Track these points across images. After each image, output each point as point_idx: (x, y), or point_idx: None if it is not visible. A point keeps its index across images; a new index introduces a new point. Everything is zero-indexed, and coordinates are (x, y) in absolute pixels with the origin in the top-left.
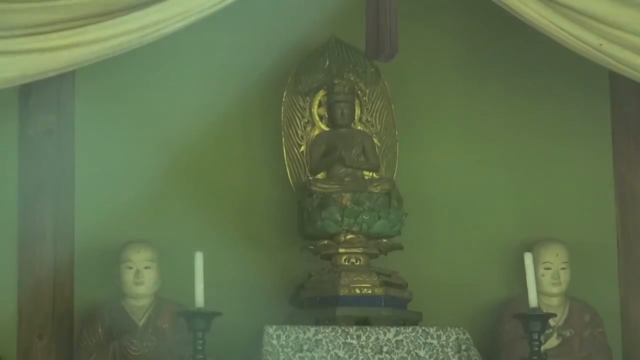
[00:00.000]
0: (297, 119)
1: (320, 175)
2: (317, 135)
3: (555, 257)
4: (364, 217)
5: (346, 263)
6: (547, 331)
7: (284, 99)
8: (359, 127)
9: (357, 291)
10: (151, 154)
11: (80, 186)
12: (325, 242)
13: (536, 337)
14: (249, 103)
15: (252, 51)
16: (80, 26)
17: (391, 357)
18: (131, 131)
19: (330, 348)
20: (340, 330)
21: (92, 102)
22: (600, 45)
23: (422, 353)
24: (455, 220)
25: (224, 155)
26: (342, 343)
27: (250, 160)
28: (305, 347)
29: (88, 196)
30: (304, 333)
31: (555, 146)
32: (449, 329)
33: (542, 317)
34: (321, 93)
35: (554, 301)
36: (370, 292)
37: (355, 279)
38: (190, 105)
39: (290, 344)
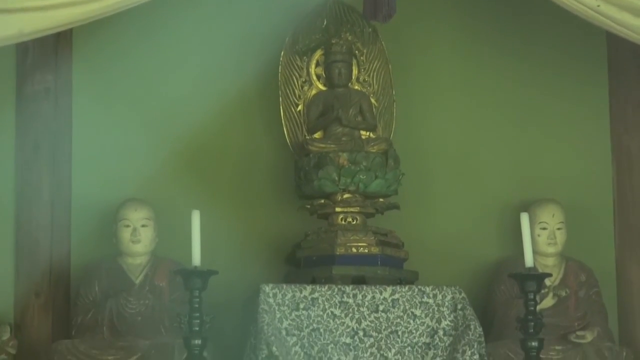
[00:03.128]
0: (295, 79)
1: (317, 135)
2: (315, 94)
3: (551, 217)
4: (361, 176)
5: (343, 222)
6: (542, 291)
7: (281, 59)
8: (356, 87)
9: (354, 250)
10: (148, 114)
11: (78, 145)
12: (322, 201)
13: (532, 296)
14: (247, 63)
15: (249, 11)
16: None
17: (387, 316)
18: (129, 91)
19: (327, 307)
20: (336, 289)
21: (90, 61)
22: (598, 6)
23: (418, 312)
24: (452, 180)
25: (221, 115)
26: (339, 302)
27: (248, 119)
28: (301, 306)
29: (85, 155)
30: (301, 292)
31: (553, 107)
32: (444, 288)
33: (537, 277)
34: (319, 53)
35: (550, 261)
36: (366, 251)
37: (351, 238)
38: (187, 66)
39: (287, 302)
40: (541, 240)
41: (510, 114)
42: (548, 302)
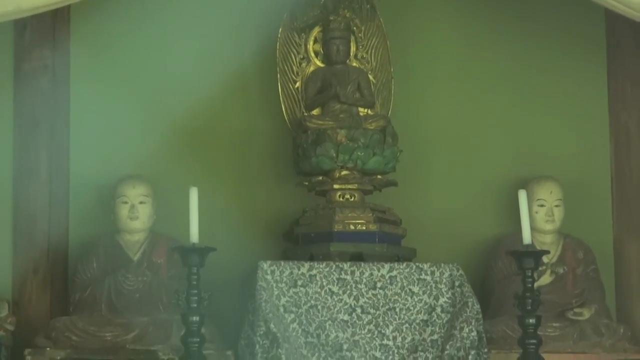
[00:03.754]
0: (293, 55)
1: (315, 112)
2: (313, 71)
3: (549, 194)
4: (359, 153)
5: (341, 199)
6: (540, 268)
7: (279, 35)
8: (354, 64)
9: (352, 227)
10: (147, 91)
11: (76, 121)
12: (320, 178)
13: (529, 274)
14: (245, 40)
15: None
16: None
17: (385, 292)
18: (127, 68)
19: (325, 283)
20: (334, 266)
21: (88, 37)
22: None
23: (415, 289)
24: (450, 157)
25: (219, 92)
26: (336, 279)
27: (246, 96)
28: (299, 283)
29: (83, 131)
30: (298, 269)
31: (551, 84)
32: (442, 265)
33: (535, 254)
34: (317, 29)
35: (548, 238)
36: (364, 228)
37: (349, 215)
38: (185, 43)
39: (285, 279)
40: (539, 217)
41: (509, 91)
42: (546, 279)
